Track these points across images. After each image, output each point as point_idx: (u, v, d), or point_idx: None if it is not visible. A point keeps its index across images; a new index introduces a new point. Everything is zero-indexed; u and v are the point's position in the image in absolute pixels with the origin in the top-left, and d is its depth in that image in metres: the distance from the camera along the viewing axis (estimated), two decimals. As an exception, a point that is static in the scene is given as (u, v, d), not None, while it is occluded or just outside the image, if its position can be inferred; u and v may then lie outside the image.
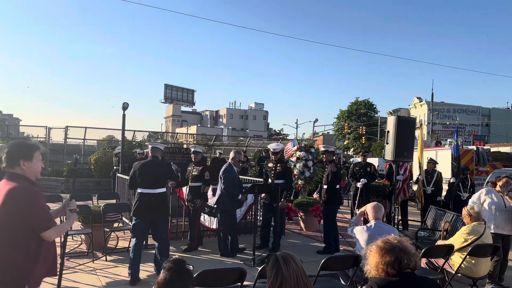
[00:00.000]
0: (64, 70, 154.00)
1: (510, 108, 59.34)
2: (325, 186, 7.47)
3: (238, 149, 8.10)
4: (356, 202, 10.49)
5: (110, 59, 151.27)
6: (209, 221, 7.83)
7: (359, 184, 9.98)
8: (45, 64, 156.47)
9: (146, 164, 5.77)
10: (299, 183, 11.06)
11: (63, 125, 19.14)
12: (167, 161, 7.50)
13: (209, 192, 7.50)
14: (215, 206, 7.20)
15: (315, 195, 11.06)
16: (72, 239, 7.50)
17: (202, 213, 7.54)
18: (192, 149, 7.65)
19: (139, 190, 5.66)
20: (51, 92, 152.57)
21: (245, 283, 3.43)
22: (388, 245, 2.37)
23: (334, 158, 7.78)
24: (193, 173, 7.36)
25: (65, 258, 6.21)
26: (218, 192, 7.05)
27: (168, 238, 5.81)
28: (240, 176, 8.39)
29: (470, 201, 6.25)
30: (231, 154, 7.16)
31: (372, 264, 2.40)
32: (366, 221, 4.64)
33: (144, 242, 6.88)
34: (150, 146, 6.04)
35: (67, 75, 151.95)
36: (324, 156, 7.88)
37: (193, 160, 7.47)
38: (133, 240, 5.63)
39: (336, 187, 7.43)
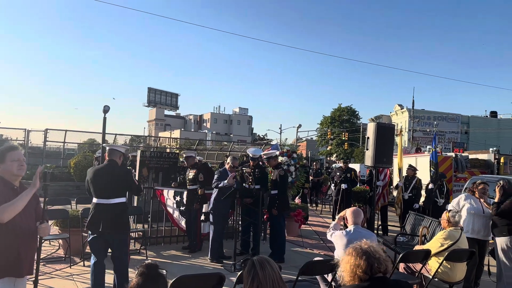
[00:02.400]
0: (45, 72, 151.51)
1: (488, 116, 60.81)
2: (272, 192, 7.24)
3: (234, 155, 8.11)
4: (338, 207, 10.60)
5: (92, 62, 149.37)
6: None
7: (332, 187, 10.16)
8: (25, 65, 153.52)
9: (100, 170, 4.91)
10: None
11: (42, 128, 18.76)
12: (127, 166, 7.21)
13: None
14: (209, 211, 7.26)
15: (297, 200, 11.12)
16: (50, 244, 7.35)
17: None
18: (184, 155, 8.06)
19: (94, 200, 4.83)
20: (31, 94, 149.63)
21: (223, 288, 3.41)
22: (359, 250, 2.41)
23: (279, 162, 7.70)
24: (189, 176, 7.61)
25: (42, 263, 6.13)
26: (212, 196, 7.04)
27: (128, 259, 4.90)
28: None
29: (450, 205, 6.36)
30: (228, 160, 7.25)
31: (345, 269, 2.42)
32: (346, 226, 4.69)
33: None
34: (107, 148, 5.10)
35: (47, 77, 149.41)
36: (268, 163, 7.59)
37: (187, 164, 7.78)
38: (92, 258, 4.82)
39: (284, 191, 7.34)
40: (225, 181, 6.70)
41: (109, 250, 4.87)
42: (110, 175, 4.79)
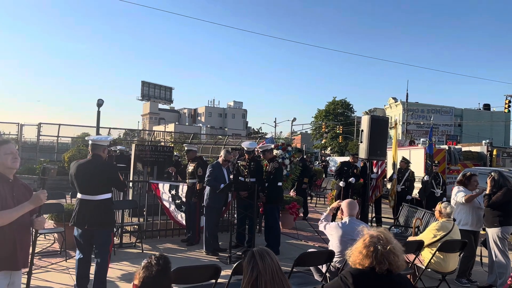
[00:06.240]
0: (38, 66, 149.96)
1: (482, 109, 61.15)
2: (266, 184, 7.31)
3: (228, 149, 8.07)
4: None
5: (85, 55, 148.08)
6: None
7: (341, 183, 10.14)
8: (17, 58, 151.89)
9: (83, 165, 4.72)
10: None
11: (36, 122, 18.68)
12: (112, 161, 7.04)
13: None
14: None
15: (292, 193, 11.18)
16: (45, 237, 7.36)
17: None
18: (186, 148, 8.19)
19: (78, 196, 4.75)
20: (24, 88, 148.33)
21: (219, 280, 3.45)
22: (376, 235, 2.54)
23: (274, 155, 7.80)
24: (189, 169, 7.63)
25: (38, 257, 6.14)
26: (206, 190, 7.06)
27: (109, 258, 4.76)
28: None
29: (452, 199, 6.28)
30: (222, 153, 7.21)
31: (355, 248, 2.56)
32: (335, 217, 4.67)
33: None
34: (90, 142, 4.90)
35: (41, 71, 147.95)
36: (263, 156, 7.65)
37: (186, 158, 7.80)
38: (77, 254, 4.76)
39: (278, 184, 7.31)
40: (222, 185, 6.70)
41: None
42: (94, 171, 4.65)
